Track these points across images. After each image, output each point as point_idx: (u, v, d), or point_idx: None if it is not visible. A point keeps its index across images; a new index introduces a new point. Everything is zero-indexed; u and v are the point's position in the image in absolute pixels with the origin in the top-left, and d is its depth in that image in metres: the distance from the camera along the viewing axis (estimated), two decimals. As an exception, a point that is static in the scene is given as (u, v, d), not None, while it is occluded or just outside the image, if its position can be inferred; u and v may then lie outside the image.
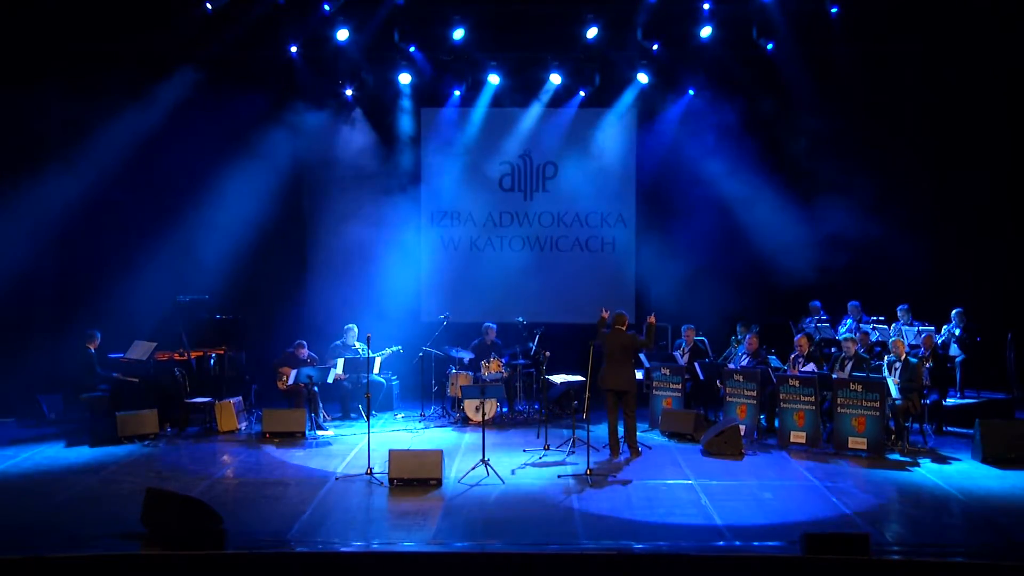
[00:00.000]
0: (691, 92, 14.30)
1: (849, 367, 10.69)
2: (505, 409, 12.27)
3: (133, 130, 13.16)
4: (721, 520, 7.80)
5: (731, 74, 13.94)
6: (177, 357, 11.66)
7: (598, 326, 10.42)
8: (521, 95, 14.45)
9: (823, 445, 10.29)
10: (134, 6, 12.75)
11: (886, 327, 12.55)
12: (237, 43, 13.08)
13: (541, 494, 8.63)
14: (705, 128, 14.14)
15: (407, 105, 14.59)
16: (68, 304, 13.11)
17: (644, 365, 12.09)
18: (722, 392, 11.24)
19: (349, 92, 14.20)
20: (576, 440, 10.12)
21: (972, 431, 10.22)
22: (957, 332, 12.49)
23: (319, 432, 11.22)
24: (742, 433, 10.34)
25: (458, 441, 10.84)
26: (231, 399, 11.41)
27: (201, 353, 11.86)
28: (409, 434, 11.33)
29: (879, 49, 13.51)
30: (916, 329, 12.19)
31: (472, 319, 13.48)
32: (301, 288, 14.50)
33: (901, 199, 13.55)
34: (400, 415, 12.42)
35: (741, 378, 11.03)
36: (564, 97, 14.45)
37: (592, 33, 13.43)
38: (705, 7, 13.18)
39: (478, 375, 12.04)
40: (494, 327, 12.75)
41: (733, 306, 13.35)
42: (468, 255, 14.89)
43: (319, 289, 14.40)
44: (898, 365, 10.64)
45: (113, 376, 11.37)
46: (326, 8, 12.93)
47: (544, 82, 14.24)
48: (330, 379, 11.68)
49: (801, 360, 11.08)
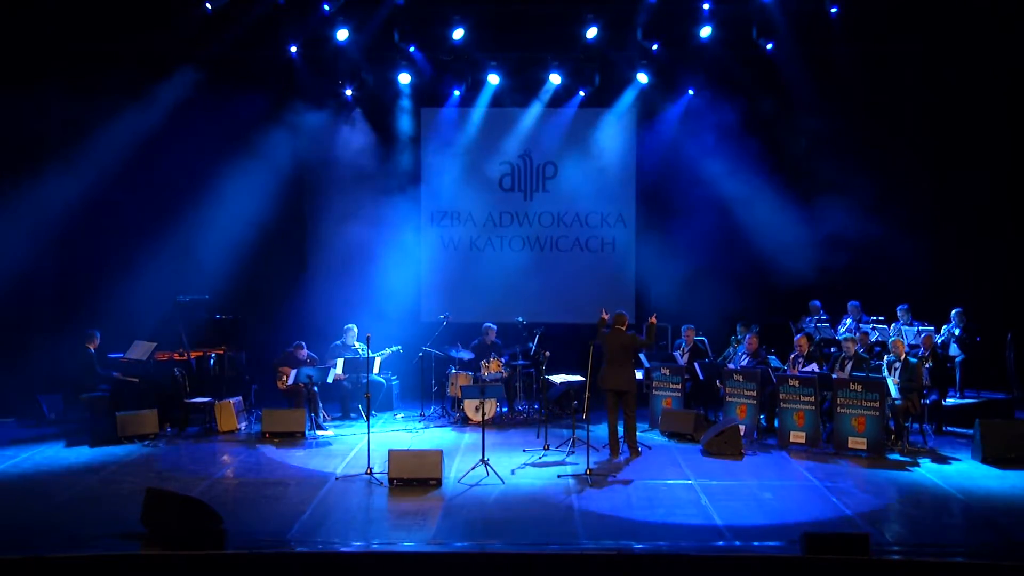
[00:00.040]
0: (691, 92, 14.30)
1: (849, 367, 10.69)
2: (505, 409, 12.27)
3: (133, 130, 13.16)
4: (721, 520, 7.80)
5: (731, 74, 13.94)
6: (177, 357, 11.65)
7: (598, 326, 10.42)
8: (521, 95, 14.45)
9: (823, 445, 10.29)
10: (134, 6, 12.76)
11: (886, 327, 12.55)
12: (237, 43, 13.10)
13: (541, 494, 8.62)
14: (705, 128, 14.12)
15: (407, 105, 14.59)
16: (68, 304, 13.11)
17: (644, 365, 12.09)
18: (722, 392, 11.24)
19: (349, 92, 14.19)
20: (576, 440, 10.12)
21: (972, 431, 10.23)
22: (957, 332, 12.50)
23: (319, 432, 11.21)
24: (742, 433, 10.34)
25: (458, 441, 10.83)
26: (231, 399, 11.41)
27: (201, 353, 11.85)
28: (409, 434, 11.33)
29: (879, 49, 13.51)
30: (916, 329, 12.19)
31: (472, 319, 13.47)
32: (301, 288, 14.46)
33: (901, 199, 13.55)
34: (400, 415, 12.42)
35: (741, 378, 11.03)
36: (564, 97, 14.45)
37: (592, 33, 13.43)
38: (705, 7, 13.18)
39: (478, 375, 12.04)
40: (494, 327, 12.75)
41: (733, 306, 13.35)
42: (468, 255, 14.89)
43: (319, 289, 14.37)
44: (898, 365, 10.64)
45: (113, 376, 11.36)
46: (326, 8, 12.93)
47: (544, 82, 14.24)
48: (330, 379, 11.68)
49: (801, 360, 11.08)
